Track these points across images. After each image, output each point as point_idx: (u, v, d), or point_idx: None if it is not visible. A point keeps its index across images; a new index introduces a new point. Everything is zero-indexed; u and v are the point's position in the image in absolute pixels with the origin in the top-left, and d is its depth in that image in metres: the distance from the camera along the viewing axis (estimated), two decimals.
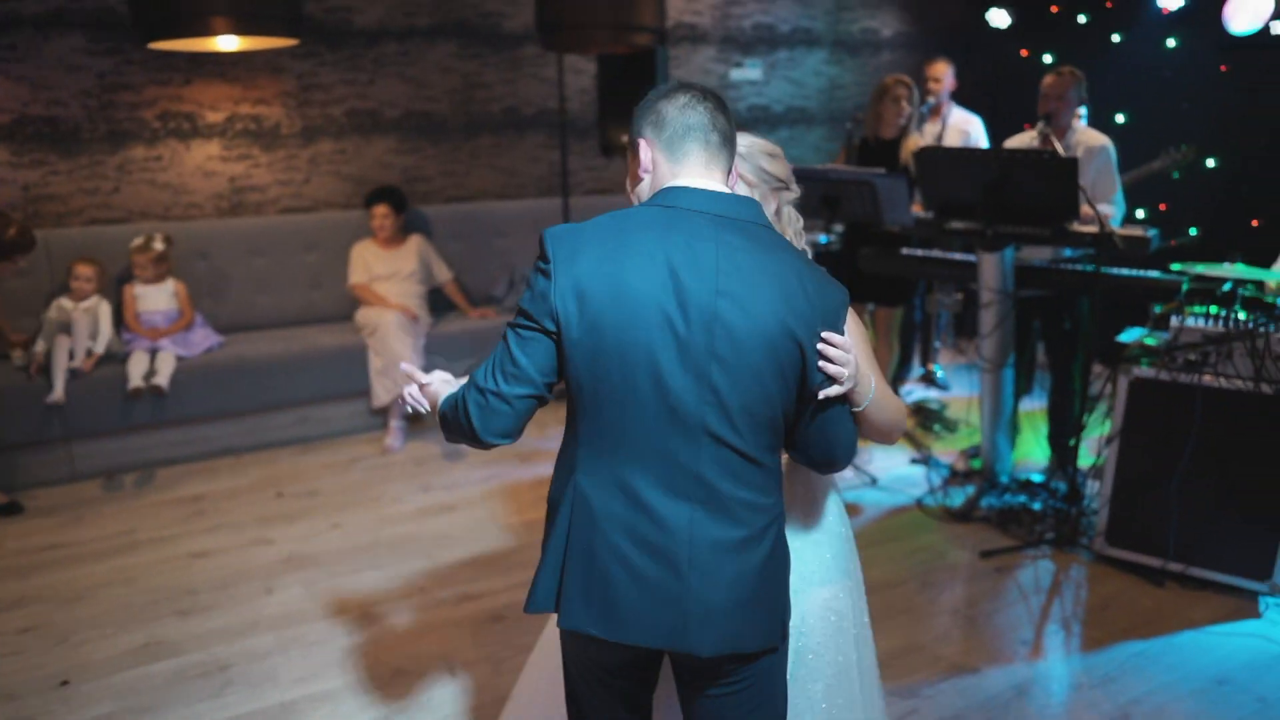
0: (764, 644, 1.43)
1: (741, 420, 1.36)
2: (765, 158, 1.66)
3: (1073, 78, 3.64)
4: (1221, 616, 2.95)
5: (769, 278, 1.35)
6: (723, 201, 1.39)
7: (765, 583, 1.42)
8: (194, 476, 4.08)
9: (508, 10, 5.10)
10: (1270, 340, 2.85)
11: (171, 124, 4.48)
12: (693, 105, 1.40)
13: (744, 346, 1.33)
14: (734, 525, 1.38)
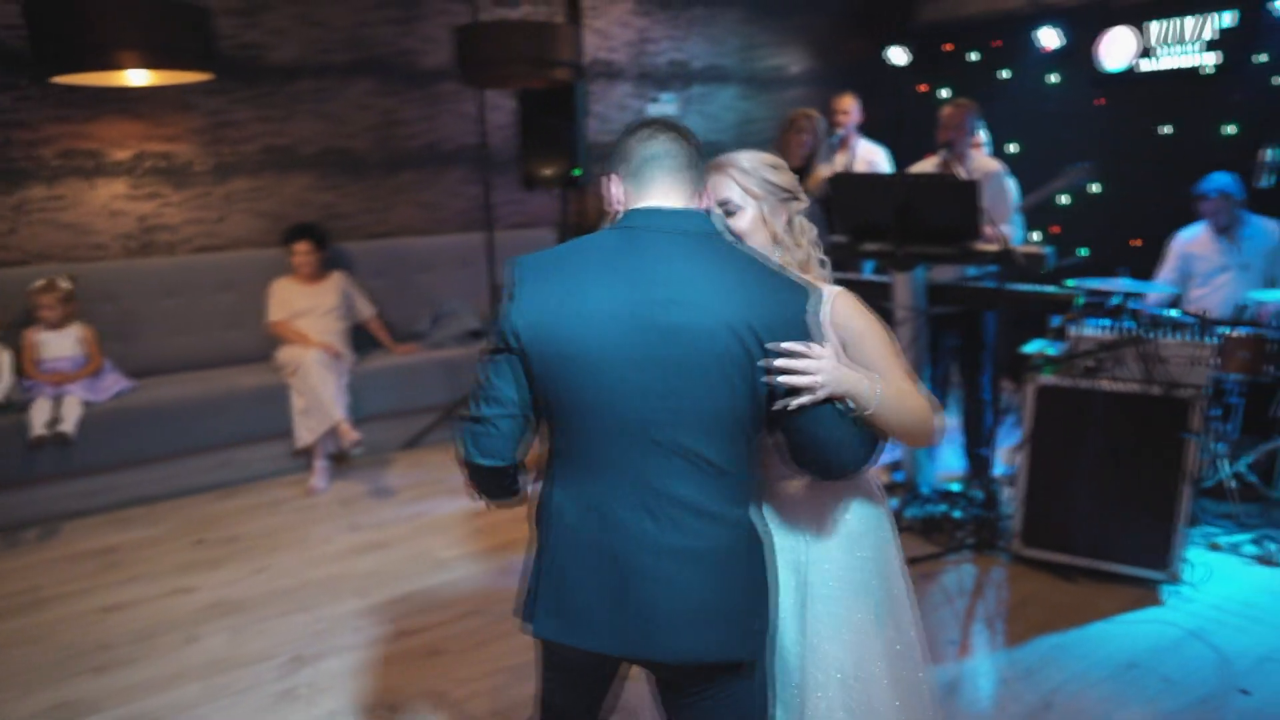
0: (728, 656, 1.43)
1: (700, 429, 1.38)
2: (769, 170, 1.68)
3: (968, 108, 3.89)
4: (1128, 606, 3.13)
5: (722, 286, 1.38)
6: (677, 217, 1.44)
7: (728, 594, 1.43)
8: (104, 528, 3.88)
9: (425, 47, 5.14)
10: (1157, 345, 3.08)
11: (74, 162, 4.32)
12: (653, 136, 1.47)
13: (696, 355, 1.36)
14: (694, 536, 1.40)
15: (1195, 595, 3.20)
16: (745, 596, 1.45)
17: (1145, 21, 4.91)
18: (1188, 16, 4.75)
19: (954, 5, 6.09)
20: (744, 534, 1.45)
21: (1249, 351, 3.73)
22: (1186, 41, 4.79)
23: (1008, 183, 3.96)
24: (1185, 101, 4.88)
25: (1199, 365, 3.05)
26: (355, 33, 4.91)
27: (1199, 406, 3.05)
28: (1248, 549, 3.53)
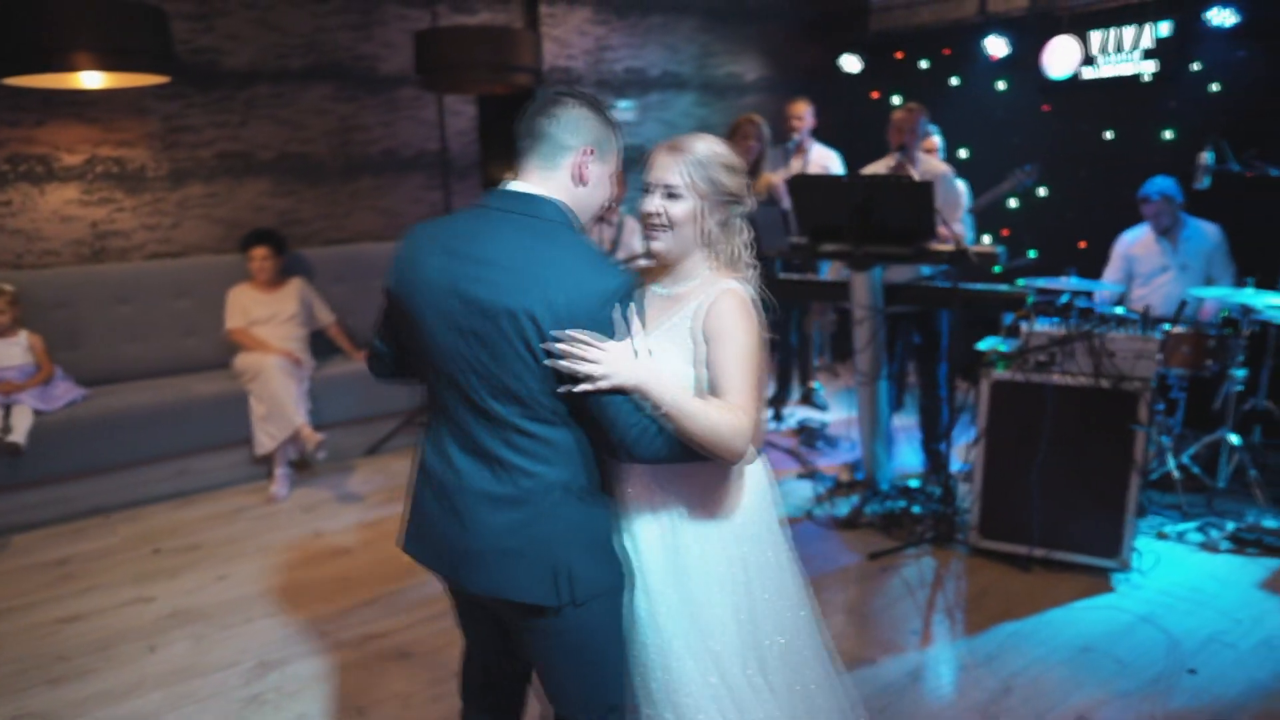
0: (525, 598, 1.57)
1: (502, 397, 1.53)
2: (722, 171, 1.68)
3: (919, 111, 4.01)
4: (1081, 593, 3.24)
5: (527, 269, 1.48)
6: (508, 198, 1.57)
7: (534, 542, 1.56)
8: (58, 540, 3.79)
9: (383, 53, 5.12)
10: (1105, 340, 3.20)
11: (22, 167, 4.23)
12: (532, 118, 1.59)
13: (491, 329, 1.49)
14: (500, 483, 1.56)
15: (1144, 582, 3.31)
16: (548, 548, 1.56)
17: (1087, 31, 5.09)
18: (1127, 26, 4.94)
19: (905, 15, 6.24)
20: (554, 493, 1.56)
21: (1190, 347, 3.89)
22: (1126, 50, 4.98)
23: (957, 184, 4.08)
24: (1126, 108, 5.06)
25: (1145, 359, 3.17)
26: (313, 38, 4.88)
27: (1146, 399, 3.17)
28: (1193, 537, 3.66)
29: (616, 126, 1.66)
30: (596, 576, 1.61)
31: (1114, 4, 5.02)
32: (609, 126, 1.63)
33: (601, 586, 1.63)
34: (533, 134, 1.57)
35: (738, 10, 6.49)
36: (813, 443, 4.86)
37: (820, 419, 5.21)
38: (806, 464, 4.53)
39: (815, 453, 4.75)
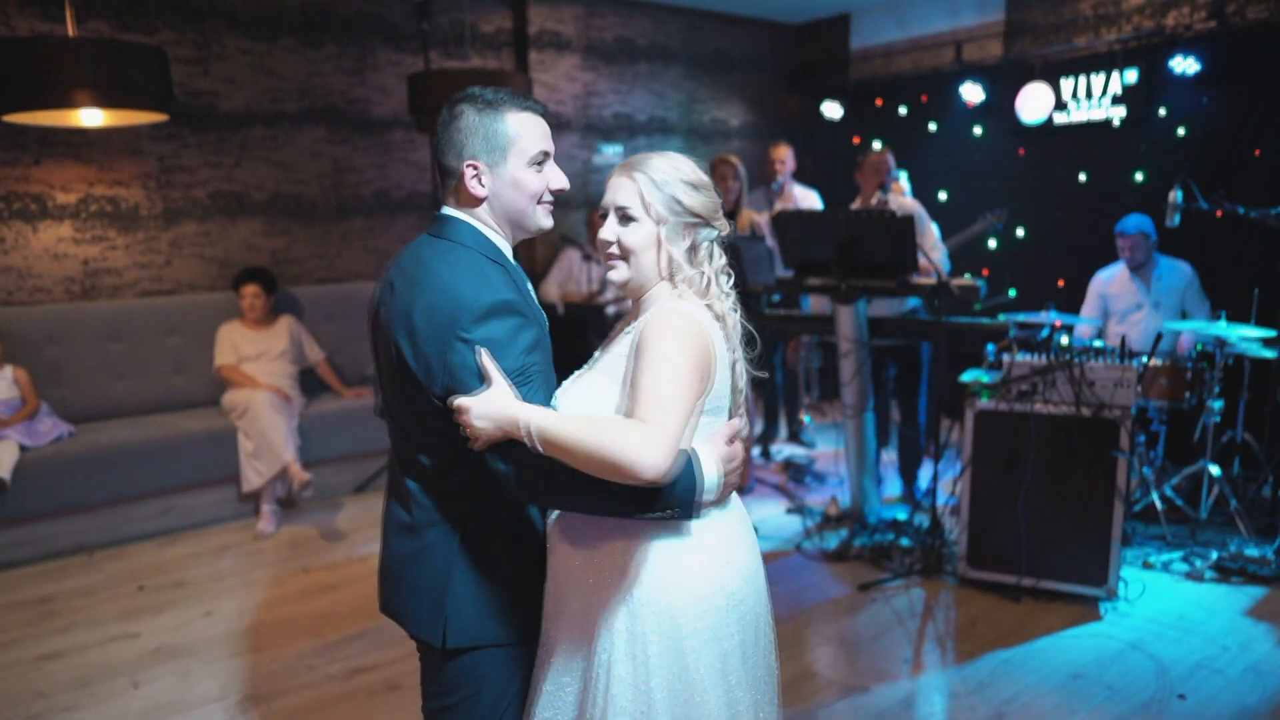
0: (419, 633, 1.52)
1: (400, 419, 1.51)
2: (684, 189, 1.45)
3: (889, 153, 4.19)
4: (1070, 622, 3.25)
5: (405, 288, 1.44)
6: (434, 222, 1.53)
7: (422, 573, 1.51)
8: (40, 578, 3.74)
9: (376, 97, 5.23)
10: (1084, 369, 3.27)
11: (16, 205, 4.27)
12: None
13: (387, 354, 1.47)
14: (404, 511, 1.54)
15: (1132, 610, 3.33)
16: (431, 586, 1.49)
17: (1058, 78, 5.28)
18: (1096, 74, 5.13)
19: (884, 63, 6.45)
20: (445, 529, 1.49)
21: (1168, 379, 3.97)
22: (1095, 97, 5.16)
23: (928, 221, 4.21)
24: (1098, 151, 5.23)
25: (1124, 387, 3.24)
26: (308, 82, 4.99)
27: (1126, 426, 3.23)
28: (1178, 566, 3.69)
29: (512, 106, 1.46)
30: (473, 627, 1.47)
31: (1083, 53, 5.22)
32: (495, 119, 1.44)
33: (478, 638, 1.48)
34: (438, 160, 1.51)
35: (722, 59, 6.69)
36: (800, 478, 4.89)
37: (807, 454, 5.24)
38: (794, 499, 4.55)
39: (803, 488, 4.78)
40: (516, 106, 1.47)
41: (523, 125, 1.46)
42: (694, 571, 1.41)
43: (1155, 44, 4.92)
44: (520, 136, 1.46)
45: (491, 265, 1.46)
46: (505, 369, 1.36)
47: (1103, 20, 5.24)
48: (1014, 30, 5.66)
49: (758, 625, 1.49)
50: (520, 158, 1.46)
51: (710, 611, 1.40)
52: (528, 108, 1.49)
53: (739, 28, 6.72)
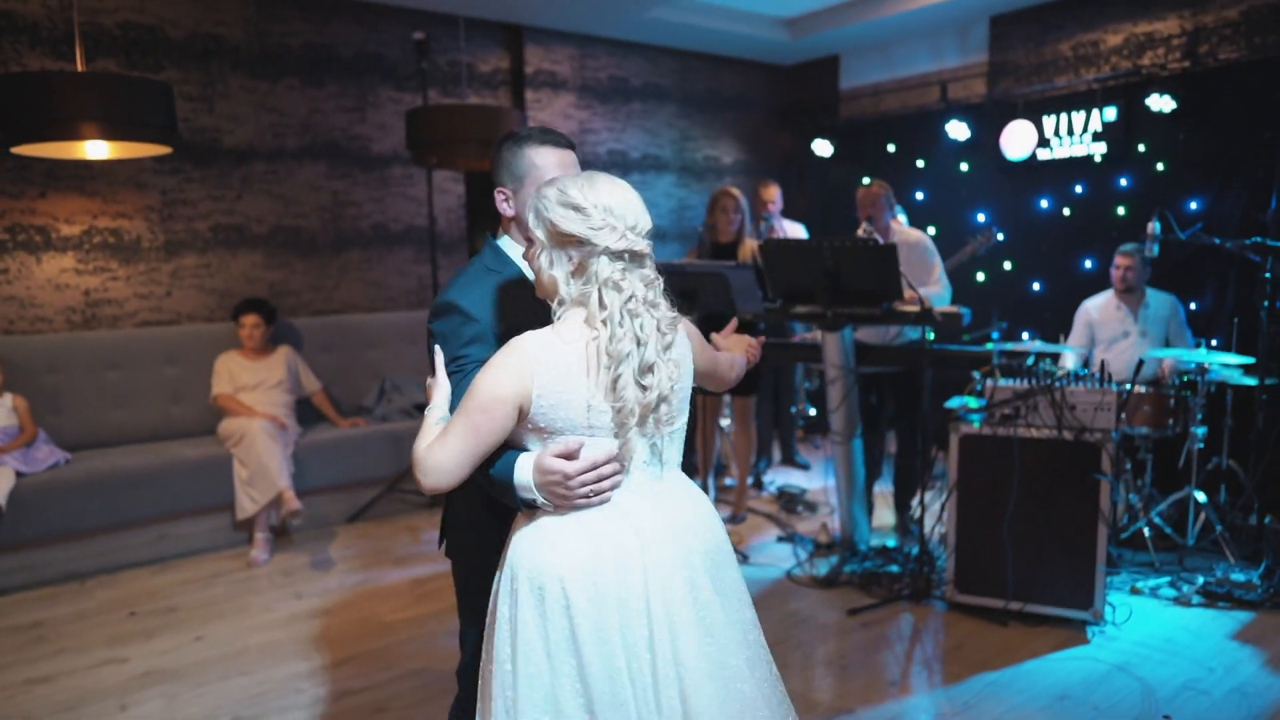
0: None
1: None
2: (560, 211, 1.50)
3: (881, 187, 4.26)
4: (1057, 645, 3.27)
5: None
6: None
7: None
8: (30, 604, 3.75)
9: (376, 134, 5.37)
10: (1065, 393, 3.33)
11: (21, 236, 4.36)
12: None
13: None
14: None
15: (1119, 634, 3.35)
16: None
17: (1041, 116, 5.42)
18: (1076, 111, 5.27)
19: (872, 102, 6.62)
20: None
21: (1152, 406, 4.03)
22: (1077, 134, 5.29)
23: (934, 254, 4.29)
24: (1082, 186, 5.35)
25: (1104, 411, 3.29)
26: (309, 119, 5.12)
27: (1108, 449, 3.28)
28: (1165, 592, 3.71)
29: (534, 141, 1.71)
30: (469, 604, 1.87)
31: (1064, 92, 5.37)
32: (519, 152, 1.72)
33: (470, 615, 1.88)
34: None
35: (715, 99, 6.86)
36: (793, 508, 4.91)
37: (800, 485, 5.27)
38: (785, 527, 4.57)
39: (796, 517, 4.80)
40: (537, 141, 1.73)
41: (541, 157, 1.71)
42: (524, 550, 1.56)
43: (1133, 83, 5.06)
44: (536, 167, 1.71)
45: (489, 274, 1.74)
46: (446, 358, 1.65)
47: (1082, 61, 5.39)
48: (997, 70, 5.82)
49: (601, 631, 1.48)
50: (535, 184, 1.66)
51: (537, 587, 1.52)
52: (547, 142, 1.74)
53: (731, 68, 6.90)
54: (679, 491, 1.64)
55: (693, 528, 1.60)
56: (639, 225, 1.53)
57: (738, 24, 6.12)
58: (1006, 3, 5.55)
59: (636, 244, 1.51)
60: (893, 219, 4.36)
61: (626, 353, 1.48)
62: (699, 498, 1.68)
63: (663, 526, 1.55)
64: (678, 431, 1.64)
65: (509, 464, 1.53)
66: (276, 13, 4.96)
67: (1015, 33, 5.72)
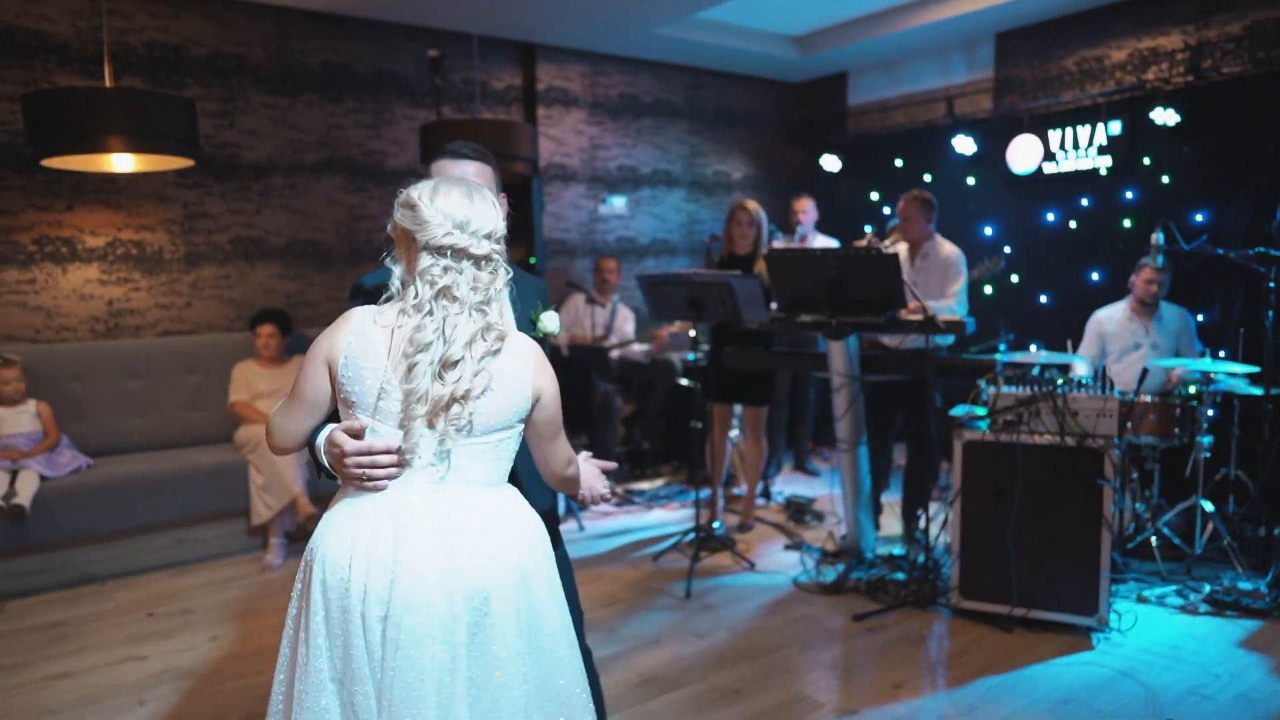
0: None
1: None
2: (398, 211, 1.59)
3: (919, 197, 4.36)
4: (1061, 651, 3.28)
5: None
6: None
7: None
8: (53, 605, 3.83)
9: (391, 149, 5.49)
10: (1067, 400, 3.36)
11: (48, 248, 4.49)
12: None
13: None
14: None
15: (1124, 640, 3.36)
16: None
17: (1046, 130, 5.48)
18: (1081, 125, 5.33)
19: (880, 118, 6.70)
20: None
21: (1157, 415, 4.05)
22: (1082, 148, 5.34)
23: (961, 268, 4.35)
24: (1088, 199, 5.39)
25: (1106, 417, 3.33)
26: (327, 135, 5.25)
27: (1110, 455, 3.31)
28: (1172, 600, 3.72)
29: (440, 156, 1.93)
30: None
31: (1069, 106, 5.43)
32: (430, 166, 1.93)
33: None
34: None
35: (724, 115, 6.96)
36: (800, 517, 4.94)
37: (808, 494, 5.30)
38: (792, 535, 4.61)
39: (803, 526, 4.83)
40: (443, 155, 1.92)
41: (440, 169, 1.88)
42: (320, 524, 1.64)
43: (1137, 97, 5.11)
44: (436, 176, 1.80)
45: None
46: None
47: (1087, 76, 5.45)
48: (1003, 86, 5.89)
49: (346, 615, 1.52)
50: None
51: (310, 560, 1.61)
52: (447, 154, 1.93)
53: (741, 85, 7.00)
54: (464, 506, 1.57)
55: (465, 550, 1.53)
56: (471, 224, 1.55)
57: (747, 41, 6.22)
58: (1012, 19, 5.62)
59: (460, 241, 1.54)
60: (933, 230, 4.43)
61: (427, 343, 1.51)
62: (493, 526, 1.59)
63: (428, 530, 1.53)
64: (482, 449, 1.58)
65: (318, 431, 1.64)
66: (296, 31, 5.10)
67: (1021, 49, 5.79)
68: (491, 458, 1.61)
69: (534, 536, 1.66)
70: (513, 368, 1.60)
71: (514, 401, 1.60)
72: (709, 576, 4.08)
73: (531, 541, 1.64)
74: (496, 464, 1.63)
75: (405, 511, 1.54)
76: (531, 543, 1.64)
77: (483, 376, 1.55)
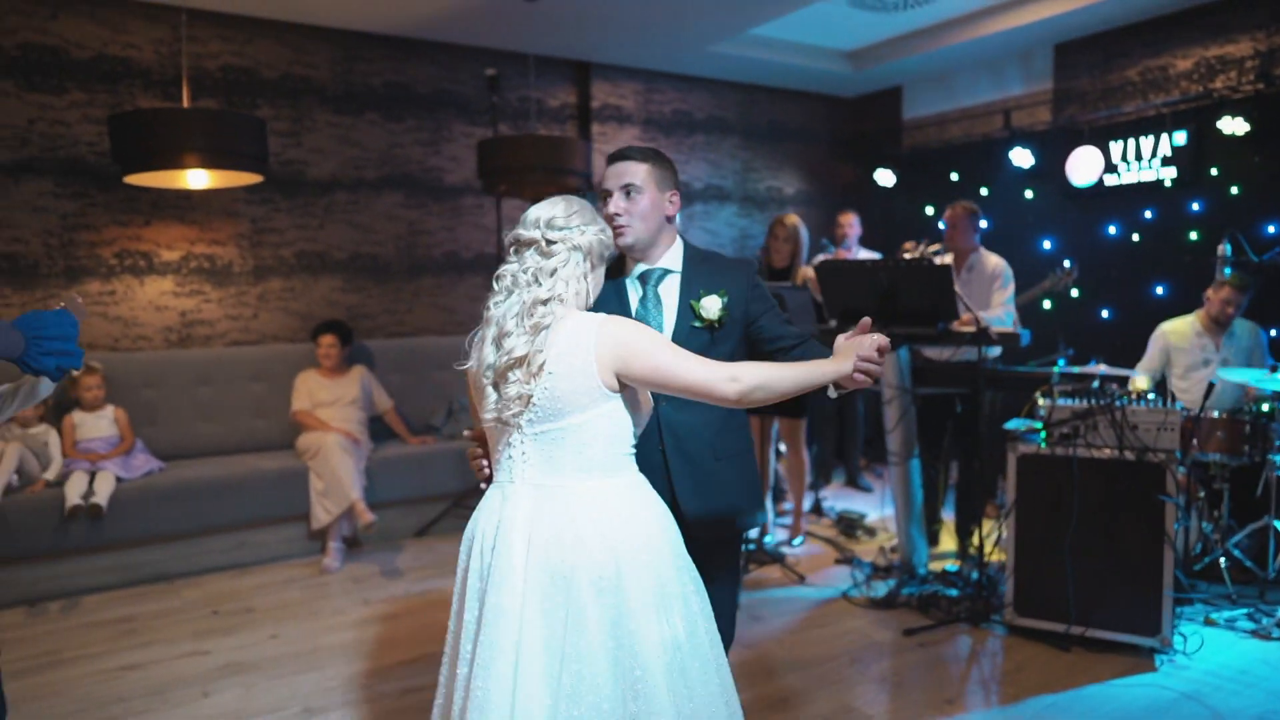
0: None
1: None
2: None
3: (965, 208, 4.31)
4: (1122, 672, 3.18)
5: None
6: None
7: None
8: (123, 601, 4.00)
9: (449, 166, 5.64)
10: (1126, 412, 3.28)
11: (128, 261, 4.73)
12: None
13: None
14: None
15: (1190, 664, 3.24)
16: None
17: (1108, 141, 5.37)
18: (1144, 136, 5.21)
19: (936, 131, 6.64)
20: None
21: (1225, 432, 3.91)
22: (1145, 159, 5.22)
23: (1008, 280, 4.29)
24: (1150, 211, 5.26)
25: (1168, 430, 3.23)
26: (388, 152, 5.43)
27: (1172, 470, 3.21)
28: (1243, 624, 3.58)
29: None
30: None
31: (1132, 117, 5.31)
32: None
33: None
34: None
35: (777, 130, 6.98)
36: (852, 532, 4.89)
37: (860, 510, 5.24)
38: (844, 550, 4.56)
39: (855, 541, 4.78)
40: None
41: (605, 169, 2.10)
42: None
43: (1204, 107, 4.98)
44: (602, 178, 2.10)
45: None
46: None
47: (1150, 86, 5.34)
48: (1061, 98, 5.80)
49: (464, 573, 1.79)
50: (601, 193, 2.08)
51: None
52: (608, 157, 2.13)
53: (794, 101, 7.02)
54: (556, 495, 1.66)
55: (547, 539, 1.63)
56: (529, 218, 1.75)
57: (800, 58, 6.24)
58: (1071, 30, 5.54)
59: (519, 234, 1.76)
60: (979, 241, 4.38)
61: (493, 319, 1.72)
62: (581, 516, 1.64)
63: (521, 511, 1.67)
64: (560, 434, 1.66)
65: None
66: (360, 54, 5.30)
67: (1080, 60, 5.69)
68: (575, 442, 1.66)
69: (627, 538, 1.65)
70: (571, 346, 1.65)
71: (577, 382, 1.64)
72: (758, 589, 4.06)
73: (618, 542, 1.64)
74: (586, 449, 1.66)
75: (497, 491, 1.74)
76: (623, 539, 1.64)
77: (539, 354, 1.64)
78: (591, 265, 1.77)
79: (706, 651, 1.69)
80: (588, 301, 1.78)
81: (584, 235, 1.74)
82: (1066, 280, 4.86)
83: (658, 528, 1.70)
